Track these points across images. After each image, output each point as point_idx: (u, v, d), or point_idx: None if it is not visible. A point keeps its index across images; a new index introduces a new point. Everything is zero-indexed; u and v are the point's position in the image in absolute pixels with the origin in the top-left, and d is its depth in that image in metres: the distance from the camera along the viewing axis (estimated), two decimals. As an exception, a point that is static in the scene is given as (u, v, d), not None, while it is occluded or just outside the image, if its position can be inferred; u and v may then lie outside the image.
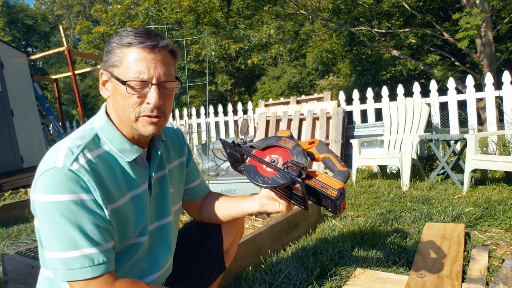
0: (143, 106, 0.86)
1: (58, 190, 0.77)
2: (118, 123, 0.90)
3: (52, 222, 0.77)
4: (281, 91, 15.97)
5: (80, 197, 0.78)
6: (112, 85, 0.88)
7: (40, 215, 0.79)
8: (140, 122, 0.87)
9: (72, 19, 28.30)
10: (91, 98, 24.32)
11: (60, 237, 0.77)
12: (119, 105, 0.87)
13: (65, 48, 5.63)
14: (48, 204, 0.77)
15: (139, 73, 0.84)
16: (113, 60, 0.86)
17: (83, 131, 0.89)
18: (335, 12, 11.57)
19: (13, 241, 2.62)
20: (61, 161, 0.79)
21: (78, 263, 0.77)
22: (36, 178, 0.80)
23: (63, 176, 0.77)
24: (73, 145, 0.83)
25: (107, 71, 0.88)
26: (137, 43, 0.84)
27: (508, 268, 1.54)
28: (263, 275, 1.67)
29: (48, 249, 0.79)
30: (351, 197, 3.27)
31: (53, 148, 0.86)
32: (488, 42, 7.19)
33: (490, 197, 2.75)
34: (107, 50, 0.88)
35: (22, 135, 5.46)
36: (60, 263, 0.77)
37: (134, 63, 0.84)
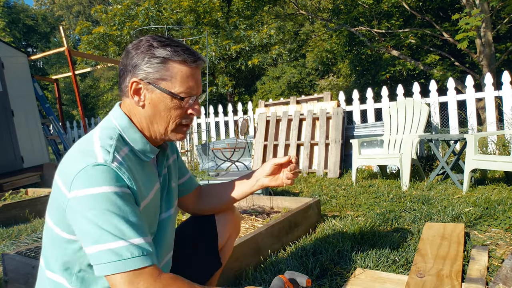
0: (185, 117, 0.94)
1: (102, 182, 0.77)
2: (144, 128, 0.94)
3: (97, 214, 0.76)
4: (281, 91, 15.98)
5: (123, 190, 0.79)
6: (154, 95, 0.91)
7: (82, 210, 0.76)
8: (177, 130, 0.95)
9: (72, 20, 28.31)
10: (91, 98, 24.32)
11: (107, 228, 0.75)
12: (159, 115, 0.92)
13: (65, 48, 5.64)
14: (92, 197, 0.76)
15: (190, 89, 0.92)
16: (162, 73, 0.89)
17: (106, 132, 0.89)
18: (335, 12, 11.58)
19: (13, 241, 2.63)
20: (101, 158, 0.80)
21: (128, 252, 0.75)
22: (73, 177, 0.78)
23: (105, 169, 0.78)
24: (105, 144, 0.84)
25: (148, 83, 0.90)
26: (191, 61, 0.91)
27: (507, 268, 1.54)
28: (263, 275, 1.67)
29: (92, 243, 0.76)
30: (351, 197, 3.27)
31: (80, 148, 0.84)
32: (488, 42, 7.20)
33: (490, 197, 2.75)
34: (148, 62, 0.89)
35: (22, 135, 5.47)
36: (108, 254, 0.75)
37: (186, 79, 0.91)
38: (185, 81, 0.90)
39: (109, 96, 19.25)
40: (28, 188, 4.34)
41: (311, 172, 4.89)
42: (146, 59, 0.89)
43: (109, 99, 19.42)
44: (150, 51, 0.89)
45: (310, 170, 4.90)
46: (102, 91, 20.00)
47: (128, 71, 0.91)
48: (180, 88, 0.90)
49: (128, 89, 0.91)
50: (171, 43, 0.91)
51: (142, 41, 0.92)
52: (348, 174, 4.52)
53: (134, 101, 0.92)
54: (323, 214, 2.72)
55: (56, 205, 0.85)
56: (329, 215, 2.70)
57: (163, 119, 0.92)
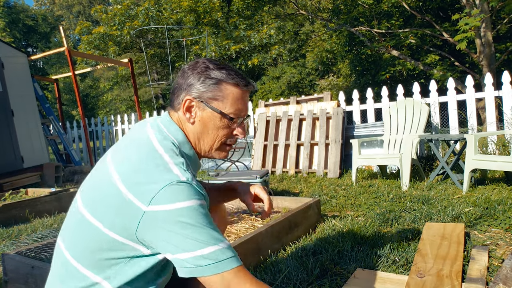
0: (230, 136, 1.01)
1: (188, 197, 0.82)
2: (194, 143, 1.00)
3: (187, 225, 0.81)
4: (281, 91, 15.98)
5: (203, 202, 0.86)
6: (205, 114, 0.97)
7: (169, 222, 0.81)
8: (221, 149, 1.01)
9: (72, 20, 28.31)
10: (91, 98, 24.32)
11: (200, 235, 0.81)
12: (207, 133, 0.98)
13: (65, 48, 5.64)
14: (181, 210, 0.81)
15: (239, 111, 0.98)
16: (215, 93, 0.96)
17: (168, 146, 0.92)
18: (335, 12, 11.58)
19: (13, 241, 2.63)
20: (183, 176, 0.85)
21: (223, 254, 0.82)
22: (155, 192, 0.82)
23: (189, 186, 0.84)
24: (177, 162, 0.88)
25: (201, 101, 0.96)
26: (243, 85, 0.98)
27: (508, 268, 1.54)
28: (263, 275, 1.67)
29: (186, 250, 0.81)
30: (351, 197, 3.27)
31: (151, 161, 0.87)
32: (488, 42, 7.20)
33: (490, 197, 2.75)
34: (203, 82, 0.95)
35: (22, 135, 5.46)
36: (205, 258, 0.81)
37: (237, 101, 0.97)
38: (236, 102, 0.97)
39: (109, 96, 19.24)
40: (28, 188, 4.34)
41: (311, 172, 4.88)
42: (202, 79, 0.96)
43: (109, 99, 19.41)
44: (206, 72, 0.96)
45: (310, 170, 4.90)
46: (102, 91, 19.98)
47: (183, 89, 0.97)
48: (230, 109, 0.96)
49: (181, 106, 0.97)
50: (226, 66, 0.98)
51: (199, 62, 0.99)
52: (348, 174, 4.52)
53: (186, 117, 0.98)
54: (323, 214, 2.72)
55: (116, 210, 0.85)
56: (329, 215, 2.70)
57: (210, 137, 0.99)
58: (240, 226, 2.37)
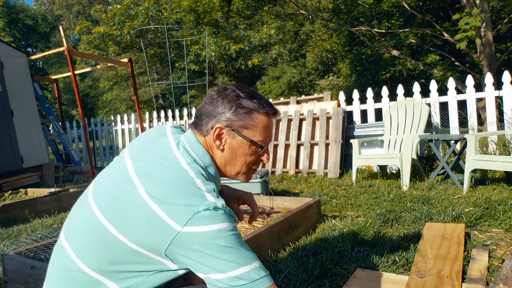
0: (256, 162, 1.05)
1: (222, 220, 0.85)
2: (220, 167, 1.03)
3: (221, 246, 0.83)
4: (281, 91, 15.98)
5: (235, 225, 0.89)
6: (234, 141, 1.00)
7: (204, 244, 0.83)
8: (246, 173, 1.05)
9: (72, 19, 28.31)
10: (91, 98, 24.33)
11: (234, 256, 0.84)
12: (235, 159, 1.01)
13: (65, 48, 5.63)
14: (215, 232, 0.84)
15: (267, 138, 1.02)
16: (247, 122, 0.98)
17: (197, 168, 0.95)
18: (335, 12, 11.58)
19: (13, 241, 2.62)
20: (219, 203, 0.87)
21: (256, 274, 0.85)
22: (192, 214, 0.84)
23: (223, 211, 0.87)
24: (210, 188, 0.91)
25: (232, 129, 0.98)
26: (272, 114, 1.02)
27: (508, 268, 1.54)
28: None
29: (220, 271, 0.83)
30: (351, 197, 3.27)
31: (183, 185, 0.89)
32: (488, 42, 7.19)
33: (490, 197, 2.75)
34: (236, 111, 0.98)
35: (22, 135, 5.46)
36: (239, 279, 0.84)
37: (266, 129, 1.01)
38: (264, 131, 1.01)
39: (108, 96, 19.25)
40: (27, 188, 4.33)
41: (311, 172, 4.88)
42: (234, 109, 0.98)
43: (109, 99, 19.42)
44: (237, 101, 0.98)
45: (310, 170, 4.90)
46: (101, 91, 19.99)
47: (213, 116, 0.99)
48: (259, 137, 1.00)
49: (211, 133, 0.99)
50: (256, 95, 1.01)
51: (228, 90, 1.01)
52: (348, 174, 4.52)
53: (215, 144, 1.00)
54: (323, 214, 2.71)
55: (146, 228, 0.86)
56: (329, 215, 2.70)
57: (238, 163, 1.02)
58: (240, 226, 2.37)
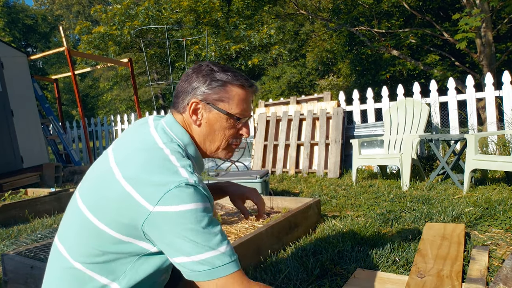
0: (235, 136, 1.03)
1: (192, 200, 0.83)
2: (200, 144, 1.02)
3: (188, 228, 0.81)
4: (281, 91, 15.98)
5: (207, 205, 0.87)
6: (211, 115, 0.99)
7: (171, 225, 0.82)
8: (227, 149, 1.03)
9: (72, 19, 28.30)
10: (91, 98, 24.32)
11: (198, 240, 0.82)
12: (213, 134, 1.00)
13: (65, 48, 5.63)
14: (183, 213, 0.82)
15: (244, 111, 1.01)
16: (221, 95, 0.98)
17: (174, 148, 0.93)
18: (335, 12, 11.58)
19: (13, 241, 2.62)
20: (191, 179, 0.86)
21: (219, 260, 0.83)
22: (163, 192, 0.82)
23: (195, 189, 0.85)
24: (184, 164, 0.89)
25: (207, 103, 0.98)
26: (247, 86, 1.00)
27: (508, 268, 1.54)
28: (263, 275, 1.67)
29: (184, 254, 0.82)
30: (351, 197, 3.27)
31: (158, 162, 0.87)
32: (488, 42, 7.19)
33: (490, 197, 2.75)
34: (209, 85, 0.98)
35: (22, 135, 5.46)
36: (201, 264, 0.82)
37: (242, 102, 1.00)
38: (241, 103, 1.00)
39: (108, 96, 19.24)
40: (27, 188, 4.33)
41: (311, 172, 4.88)
42: (208, 82, 0.98)
43: (109, 99, 19.41)
44: (211, 74, 0.98)
45: (310, 170, 4.90)
46: (101, 91, 19.98)
47: (188, 92, 0.99)
48: (236, 109, 0.99)
49: (187, 108, 0.99)
50: (230, 69, 1.01)
51: (203, 66, 1.01)
52: (348, 174, 4.52)
53: (192, 119, 1.00)
54: (323, 214, 2.71)
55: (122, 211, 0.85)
56: (329, 215, 2.70)
57: (216, 137, 1.01)
58: (240, 226, 2.37)
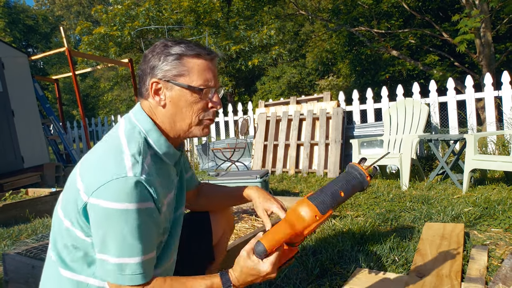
0: (207, 110, 0.95)
1: (127, 199, 0.78)
2: (166, 128, 0.95)
3: (112, 229, 0.79)
4: (281, 91, 15.99)
5: (146, 206, 0.81)
6: (174, 93, 0.92)
7: (99, 219, 0.80)
8: (201, 125, 0.95)
9: (73, 20, 28.31)
10: (92, 98, 24.32)
11: (118, 244, 0.80)
12: (180, 112, 0.93)
13: (65, 48, 5.64)
14: (114, 211, 0.78)
15: (208, 81, 0.93)
16: (179, 69, 0.91)
17: (131, 134, 0.90)
18: (334, 13, 11.59)
19: (13, 241, 2.63)
20: (130, 170, 0.80)
21: (130, 269, 0.81)
22: (101, 184, 0.79)
23: (133, 185, 0.79)
24: (134, 151, 0.85)
25: (167, 81, 0.92)
26: (205, 54, 0.93)
27: (507, 267, 1.54)
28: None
29: (103, 252, 0.81)
30: (351, 197, 3.28)
31: (111, 150, 0.85)
32: (487, 42, 7.20)
33: (489, 197, 2.75)
34: (164, 61, 0.91)
35: (22, 135, 5.47)
36: (113, 266, 0.81)
37: (203, 72, 0.92)
38: (202, 73, 0.92)
39: (109, 96, 19.26)
40: (28, 188, 4.34)
41: (311, 172, 4.89)
42: (163, 58, 0.92)
43: (109, 99, 19.43)
44: (165, 50, 0.92)
45: (310, 170, 4.90)
46: (102, 91, 19.98)
47: (147, 74, 0.93)
48: (198, 81, 0.92)
49: (150, 91, 0.93)
50: (184, 41, 0.94)
51: (157, 44, 0.95)
52: (348, 174, 4.52)
53: (156, 101, 0.93)
54: (323, 214, 2.72)
55: (71, 199, 0.86)
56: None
57: (185, 115, 0.93)
58: (240, 226, 2.38)
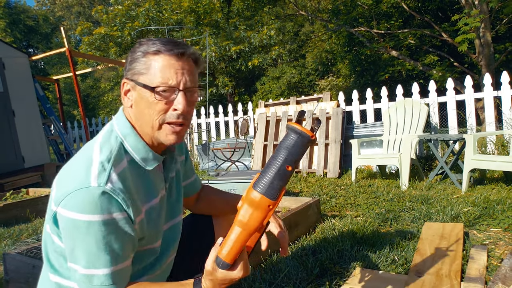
0: (169, 113, 0.85)
1: (90, 210, 0.76)
2: (141, 131, 0.89)
3: (79, 240, 0.78)
4: (280, 91, 15.99)
5: (112, 217, 0.79)
6: (137, 93, 0.86)
7: (67, 230, 0.79)
8: (163, 130, 0.86)
9: (73, 20, 28.32)
10: (92, 99, 24.33)
11: (85, 255, 0.79)
12: (143, 114, 0.86)
13: (66, 49, 5.65)
14: (79, 223, 0.77)
15: (167, 79, 0.84)
16: (139, 68, 0.85)
17: (107, 139, 0.87)
18: (334, 13, 11.59)
19: (14, 241, 2.64)
20: (95, 180, 0.78)
21: (98, 281, 0.80)
22: (67, 193, 0.77)
23: (97, 196, 0.77)
24: (103, 159, 0.81)
25: (131, 80, 0.87)
26: (166, 50, 0.84)
27: (506, 267, 1.55)
28: (263, 274, 1.68)
29: (72, 262, 0.81)
30: (351, 197, 3.28)
31: (80, 159, 0.83)
32: (487, 42, 7.21)
33: (489, 197, 2.76)
34: (132, 59, 0.87)
35: (23, 135, 5.47)
36: (81, 277, 0.80)
37: (162, 69, 0.84)
38: (161, 71, 0.83)
39: (109, 97, 19.26)
40: (29, 188, 4.34)
41: (311, 172, 4.89)
42: (131, 57, 0.87)
43: (110, 99, 19.43)
44: (135, 49, 0.88)
45: (309, 170, 4.91)
46: (102, 91, 20.01)
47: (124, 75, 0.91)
48: (156, 79, 0.83)
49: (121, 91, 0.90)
50: (160, 38, 0.87)
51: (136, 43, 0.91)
52: (348, 174, 4.53)
53: (125, 102, 0.89)
54: (322, 214, 2.73)
55: (48, 206, 0.86)
56: (329, 215, 2.71)
57: (146, 117, 0.86)
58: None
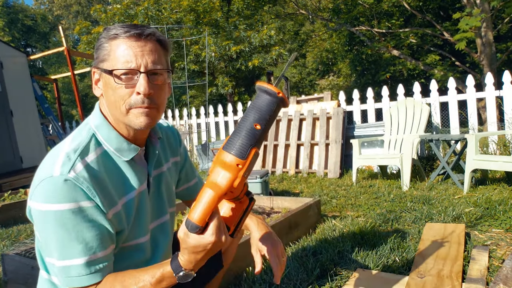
0: (133, 97, 0.83)
1: (56, 199, 0.76)
2: (113, 121, 0.88)
3: (50, 231, 0.77)
4: (281, 91, 15.97)
5: (79, 205, 0.78)
6: (103, 80, 0.86)
7: (38, 222, 0.79)
8: (132, 114, 0.84)
9: (72, 19, 28.30)
10: (91, 98, 24.32)
11: (58, 246, 0.78)
12: (111, 101, 0.85)
13: (64, 48, 5.63)
14: (46, 213, 0.76)
15: (126, 62, 0.82)
16: (102, 54, 0.85)
17: (79, 132, 0.87)
18: (335, 12, 11.58)
19: (12, 242, 2.62)
20: (58, 169, 0.77)
21: (75, 271, 0.79)
22: (35, 186, 0.78)
23: (60, 185, 0.76)
24: (70, 149, 0.82)
25: (97, 68, 0.86)
26: (123, 32, 0.83)
27: (508, 268, 1.53)
28: (263, 275, 1.66)
29: (47, 255, 0.81)
30: (352, 197, 3.27)
31: (51, 152, 0.85)
32: (489, 42, 7.19)
33: (491, 197, 2.74)
34: (96, 47, 0.86)
35: (21, 135, 5.46)
36: (58, 270, 0.79)
37: (121, 53, 0.82)
38: (120, 55, 0.82)
39: (109, 96, 19.27)
40: (27, 189, 4.33)
41: (311, 172, 4.88)
42: (96, 46, 0.87)
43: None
44: (98, 38, 0.87)
45: (310, 170, 4.89)
46: (101, 91, 19.97)
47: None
48: (114, 63, 0.82)
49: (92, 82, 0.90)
50: (117, 24, 0.86)
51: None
52: (349, 174, 4.51)
53: (98, 92, 0.89)
54: (323, 214, 2.71)
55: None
56: (329, 216, 2.70)
57: (114, 104, 0.84)
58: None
